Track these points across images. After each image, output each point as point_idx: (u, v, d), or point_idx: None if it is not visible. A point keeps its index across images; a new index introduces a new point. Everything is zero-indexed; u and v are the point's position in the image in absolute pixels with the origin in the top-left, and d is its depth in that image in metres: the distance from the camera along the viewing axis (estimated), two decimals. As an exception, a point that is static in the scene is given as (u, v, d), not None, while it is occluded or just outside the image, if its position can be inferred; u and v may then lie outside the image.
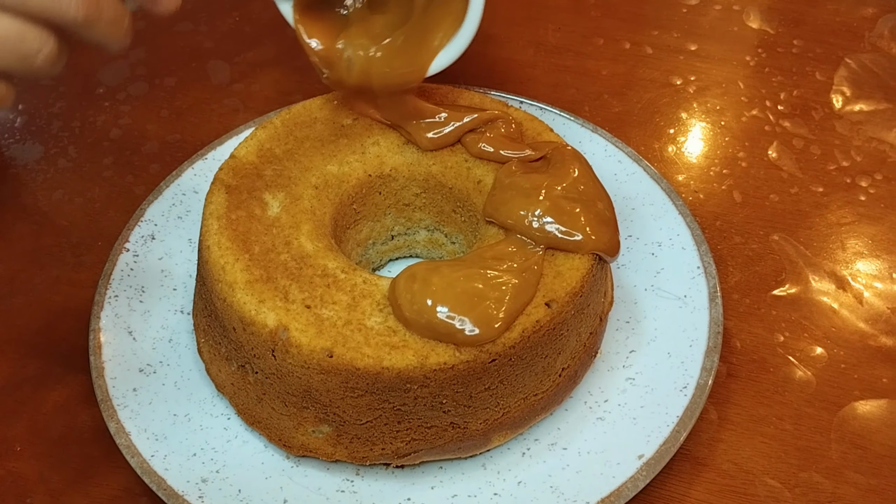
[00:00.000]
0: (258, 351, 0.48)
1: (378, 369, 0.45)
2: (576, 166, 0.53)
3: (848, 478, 0.52)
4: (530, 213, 0.50)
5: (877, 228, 0.65)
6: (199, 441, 0.51)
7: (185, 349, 0.55)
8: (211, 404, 0.53)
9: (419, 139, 0.56)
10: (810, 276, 0.62)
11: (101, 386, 0.52)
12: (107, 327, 0.55)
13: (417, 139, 0.56)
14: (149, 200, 0.62)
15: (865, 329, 0.59)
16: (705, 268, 0.58)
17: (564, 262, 0.49)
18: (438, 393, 0.47)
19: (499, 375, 0.47)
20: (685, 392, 0.52)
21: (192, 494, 0.48)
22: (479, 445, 0.50)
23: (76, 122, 0.73)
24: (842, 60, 0.78)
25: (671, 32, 0.81)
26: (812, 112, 0.73)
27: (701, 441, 0.53)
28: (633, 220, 0.61)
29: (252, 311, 0.47)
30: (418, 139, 0.56)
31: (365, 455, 0.49)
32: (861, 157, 0.70)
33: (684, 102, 0.75)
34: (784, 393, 0.56)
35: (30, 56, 0.44)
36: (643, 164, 0.64)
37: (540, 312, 0.47)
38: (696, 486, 0.51)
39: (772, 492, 0.51)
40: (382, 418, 0.48)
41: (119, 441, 0.50)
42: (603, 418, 0.52)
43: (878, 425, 0.54)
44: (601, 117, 0.73)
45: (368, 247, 0.59)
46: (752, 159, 0.70)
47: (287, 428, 0.49)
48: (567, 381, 0.52)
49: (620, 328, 0.56)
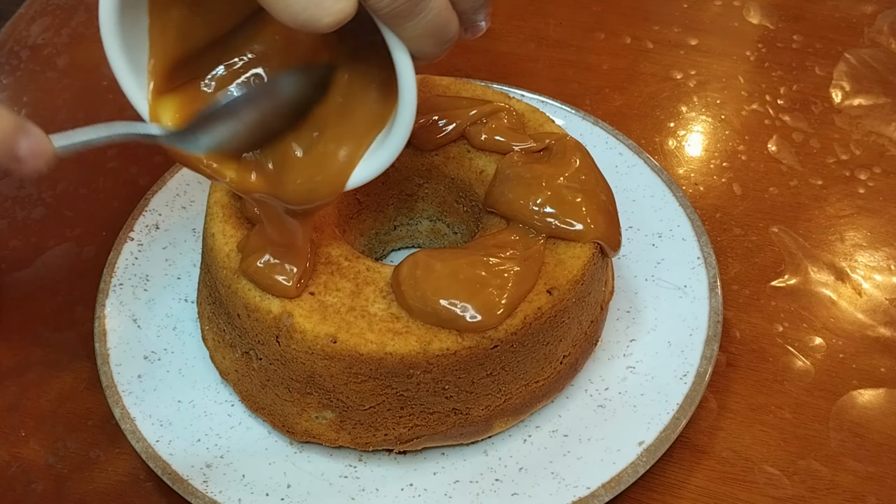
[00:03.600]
0: (262, 337, 0.48)
1: (381, 355, 0.46)
2: (577, 157, 0.53)
3: (846, 465, 0.52)
4: (532, 202, 0.50)
5: (875, 221, 0.65)
6: (203, 427, 0.52)
7: (190, 337, 0.56)
8: (215, 391, 0.53)
9: (422, 142, 0.55)
10: (809, 267, 0.62)
11: (106, 372, 0.53)
12: (112, 315, 0.56)
13: (420, 142, 0.56)
14: (153, 191, 0.62)
15: (864, 320, 0.59)
16: (705, 258, 0.58)
17: (566, 251, 0.50)
18: (441, 379, 0.47)
19: (501, 362, 0.48)
20: (685, 380, 0.52)
21: (196, 479, 0.48)
22: (480, 432, 0.51)
23: (81, 113, 0.74)
24: (841, 55, 0.78)
25: (672, 27, 0.81)
26: (811, 106, 0.74)
27: (701, 429, 0.54)
28: (634, 212, 0.61)
29: (256, 297, 0.48)
30: (421, 142, 0.55)
31: (368, 441, 0.50)
32: (860, 151, 0.70)
33: (685, 96, 0.75)
34: (783, 382, 0.56)
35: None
36: (644, 157, 0.64)
37: (542, 300, 0.48)
38: (696, 472, 0.52)
39: (771, 479, 0.52)
40: (385, 404, 0.48)
41: (124, 426, 0.50)
42: (603, 406, 0.53)
43: (876, 414, 0.55)
44: (602, 111, 0.73)
45: (371, 237, 0.59)
46: (751, 152, 0.70)
47: (291, 414, 0.50)
48: (568, 369, 0.52)
49: (621, 317, 0.57)
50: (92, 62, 0.77)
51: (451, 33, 0.39)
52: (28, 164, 0.40)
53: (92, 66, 0.77)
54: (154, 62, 0.43)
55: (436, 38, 0.39)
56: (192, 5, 0.42)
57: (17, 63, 0.78)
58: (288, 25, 0.37)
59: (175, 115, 0.44)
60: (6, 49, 0.79)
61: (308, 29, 0.37)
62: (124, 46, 0.41)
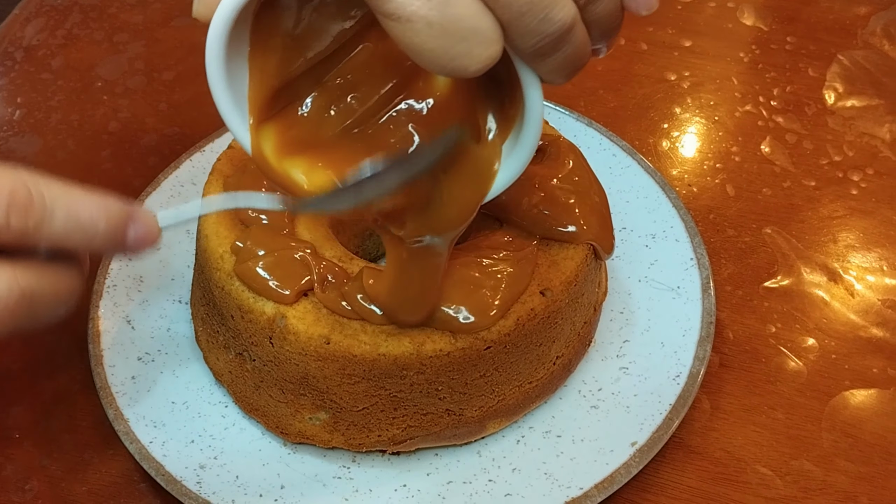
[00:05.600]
0: (256, 338, 0.48)
1: (375, 356, 0.46)
2: (571, 158, 0.53)
3: (838, 466, 0.52)
4: (525, 203, 0.50)
5: (868, 222, 0.66)
6: (197, 428, 0.52)
7: (184, 338, 0.56)
8: (209, 392, 0.53)
9: None
10: (802, 268, 0.63)
11: (99, 374, 0.53)
12: (105, 316, 0.56)
13: None
14: (147, 192, 0.62)
15: (856, 320, 0.60)
16: (698, 259, 0.58)
17: (559, 252, 0.50)
18: (434, 380, 0.47)
19: (494, 363, 0.48)
20: (678, 381, 0.52)
21: (190, 480, 0.48)
22: (474, 432, 0.51)
23: (75, 115, 0.74)
24: (834, 57, 0.78)
25: (666, 29, 0.81)
26: (805, 108, 0.74)
27: (694, 430, 0.54)
28: (628, 213, 0.61)
29: (250, 298, 0.48)
30: None
31: (361, 442, 0.50)
32: (853, 152, 0.70)
33: (678, 98, 0.75)
34: (776, 383, 0.56)
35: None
36: (637, 158, 0.64)
37: (535, 301, 0.48)
38: (689, 473, 0.52)
39: (763, 479, 0.52)
40: (379, 405, 0.48)
41: (118, 427, 0.50)
42: (597, 406, 0.53)
43: (868, 414, 0.55)
44: (596, 112, 0.73)
45: (365, 238, 0.60)
46: (745, 154, 0.71)
47: (284, 415, 0.50)
48: (561, 370, 0.52)
49: (614, 318, 0.57)
50: (86, 64, 0.77)
51: (584, 61, 0.38)
52: (135, 249, 0.41)
53: (86, 67, 0.77)
54: (253, 91, 0.42)
55: (570, 70, 0.38)
56: (294, 33, 0.41)
57: (12, 64, 0.78)
58: (433, 73, 0.36)
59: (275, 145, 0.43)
60: (0, 50, 0.79)
61: (455, 76, 0.36)
62: (227, 77, 0.40)
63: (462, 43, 0.34)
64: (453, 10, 0.33)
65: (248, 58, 0.41)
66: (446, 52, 0.34)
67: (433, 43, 0.34)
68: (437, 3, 0.33)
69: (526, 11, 0.35)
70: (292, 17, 0.40)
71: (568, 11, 0.36)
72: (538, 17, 0.35)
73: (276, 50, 0.41)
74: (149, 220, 0.41)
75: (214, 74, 0.40)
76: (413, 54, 0.35)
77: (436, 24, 0.33)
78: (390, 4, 0.33)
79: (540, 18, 0.35)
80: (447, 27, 0.33)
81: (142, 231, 0.41)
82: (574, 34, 0.36)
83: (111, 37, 0.81)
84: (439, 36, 0.34)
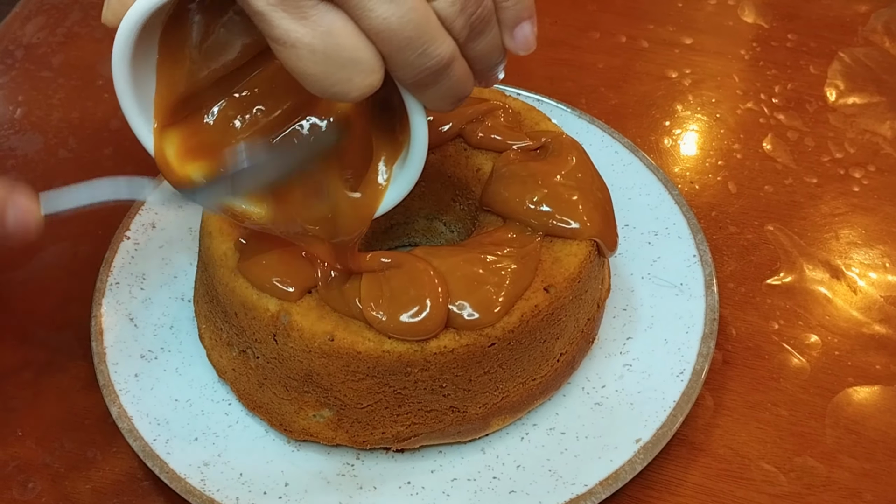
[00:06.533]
0: (260, 335, 0.48)
1: (379, 353, 0.46)
2: (574, 155, 0.53)
3: (842, 462, 0.52)
4: (529, 200, 0.50)
5: (870, 219, 0.66)
6: (200, 426, 0.52)
7: (187, 335, 0.56)
8: (212, 390, 0.53)
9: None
10: (805, 265, 0.63)
11: (102, 371, 0.53)
12: (108, 314, 0.56)
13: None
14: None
15: (859, 317, 0.60)
16: (701, 256, 0.58)
17: (563, 249, 0.50)
18: (438, 377, 0.47)
19: (498, 359, 0.48)
20: (682, 378, 0.52)
21: (194, 478, 0.48)
22: (478, 430, 0.51)
23: (76, 113, 0.74)
24: (835, 54, 0.78)
25: (667, 26, 0.81)
26: (806, 105, 0.74)
27: (697, 426, 0.54)
28: (630, 210, 0.61)
29: (254, 295, 0.48)
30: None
31: (365, 439, 0.50)
32: (854, 149, 0.70)
33: (680, 95, 0.75)
34: (779, 379, 0.56)
35: None
36: (640, 155, 0.64)
37: (539, 297, 0.48)
38: (693, 470, 0.52)
39: (767, 476, 0.52)
40: (383, 402, 0.48)
41: (121, 425, 0.50)
42: (601, 403, 0.53)
43: (871, 411, 0.55)
44: (598, 109, 0.73)
45: (368, 235, 0.59)
46: (746, 151, 0.71)
47: (288, 412, 0.50)
48: (565, 367, 0.52)
49: (617, 315, 0.57)
50: (87, 61, 0.77)
51: (466, 92, 0.41)
52: (15, 236, 0.41)
53: (87, 65, 0.77)
54: (160, 97, 0.43)
55: (452, 99, 0.40)
56: (204, 44, 0.43)
57: (12, 62, 0.78)
58: (317, 95, 0.38)
59: (178, 149, 0.44)
60: (1, 48, 0.79)
61: (336, 100, 0.39)
62: (133, 81, 0.42)
63: (342, 70, 0.36)
64: (335, 39, 0.36)
65: (156, 65, 0.42)
66: (327, 77, 0.37)
67: (315, 69, 0.36)
68: (321, 33, 0.36)
69: (405, 46, 0.37)
70: (201, 31, 0.42)
71: (446, 48, 0.38)
72: (416, 52, 0.37)
73: (184, 60, 0.43)
74: (29, 205, 0.40)
75: (120, 78, 0.41)
76: (297, 77, 0.37)
77: (318, 52, 0.36)
78: (278, 30, 0.36)
79: (418, 53, 0.37)
80: (329, 55, 0.36)
81: (21, 215, 0.40)
82: (453, 69, 0.39)
83: (112, 34, 0.80)
84: (321, 62, 0.36)
